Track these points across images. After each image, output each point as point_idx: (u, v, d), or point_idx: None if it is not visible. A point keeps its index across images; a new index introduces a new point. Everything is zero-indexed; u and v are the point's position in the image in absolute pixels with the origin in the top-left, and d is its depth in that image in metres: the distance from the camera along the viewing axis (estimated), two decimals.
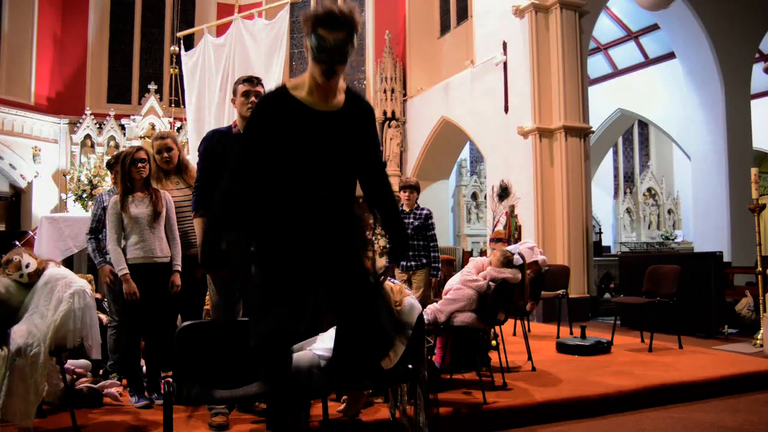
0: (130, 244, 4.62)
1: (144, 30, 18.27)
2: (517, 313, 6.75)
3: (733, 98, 13.10)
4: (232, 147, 4.14)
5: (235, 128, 4.31)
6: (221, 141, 4.24)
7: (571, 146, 10.70)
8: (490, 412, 4.61)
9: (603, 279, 12.40)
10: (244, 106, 4.27)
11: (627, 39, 17.07)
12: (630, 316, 9.09)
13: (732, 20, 12.97)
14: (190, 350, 3.29)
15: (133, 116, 16.40)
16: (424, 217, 6.48)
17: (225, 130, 4.36)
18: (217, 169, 4.11)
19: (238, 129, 4.29)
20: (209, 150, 4.25)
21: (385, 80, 16.28)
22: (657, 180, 23.11)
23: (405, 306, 3.76)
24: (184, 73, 10.73)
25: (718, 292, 8.51)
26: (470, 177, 19.31)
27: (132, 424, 4.17)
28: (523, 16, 11.11)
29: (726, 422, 4.59)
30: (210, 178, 4.17)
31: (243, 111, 4.28)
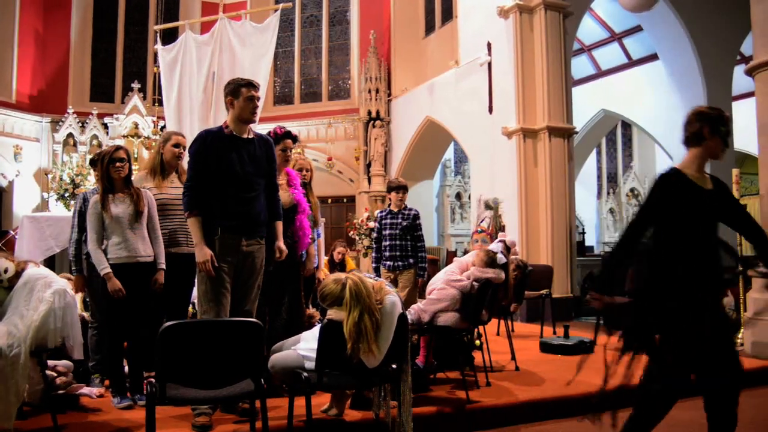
0: (112, 244, 4.56)
1: (128, 28, 18.17)
2: (501, 312, 6.77)
3: (715, 100, 13.18)
4: (225, 147, 4.15)
5: (227, 129, 4.26)
6: (214, 141, 4.20)
7: (555, 147, 10.74)
8: (473, 411, 4.62)
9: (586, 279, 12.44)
10: (247, 110, 4.24)
11: (610, 40, 17.14)
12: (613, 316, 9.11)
13: (714, 22, 13.07)
14: (174, 350, 3.26)
15: (117, 115, 16.31)
16: (412, 218, 6.48)
17: (216, 131, 4.30)
18: (210, 169, 4.15)
19: (230, 130, 4.25)
20: (202, 150, 4.21)
21: (369, 80, 16.28)
22: (640, 180, 23.24)
23: (386, 304, 3.75)
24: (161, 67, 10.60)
25: None
26: (454, 177, 19.33)
27: (114, 425, 4.13)
28: (508, 17, 11.13)
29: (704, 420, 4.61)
30: (202, 178, 4.16)
31: (245, 114, 4.25)
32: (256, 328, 3.41)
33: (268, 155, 4.40)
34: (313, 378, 3.63)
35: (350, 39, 17.93)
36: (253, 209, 4.27)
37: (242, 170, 4.20)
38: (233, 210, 4.19)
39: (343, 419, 4.25)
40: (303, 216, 5.08)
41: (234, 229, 4.19)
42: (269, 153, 4.43)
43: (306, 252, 5.24)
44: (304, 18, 18.61)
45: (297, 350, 3.92)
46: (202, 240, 4.11)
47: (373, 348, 3.63)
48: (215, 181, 4.17)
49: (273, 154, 4.48)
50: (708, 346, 3.40)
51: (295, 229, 5.00)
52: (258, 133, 4.44)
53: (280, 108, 18.15)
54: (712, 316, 3.42)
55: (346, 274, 3.83)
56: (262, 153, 4.35)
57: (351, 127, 16.91)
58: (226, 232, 4.17)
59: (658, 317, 3.50)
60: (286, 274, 4.98)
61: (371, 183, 16.11)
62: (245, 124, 4.30)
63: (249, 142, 4.30)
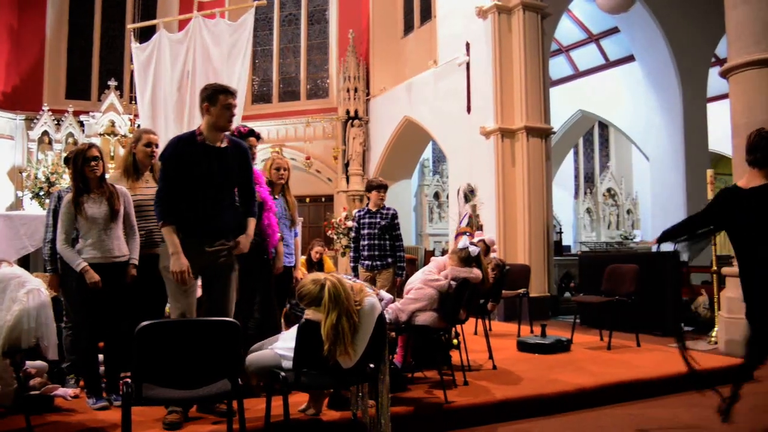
0: (86, 245, 4.47)
1: (104, 25, 18.01)
2: (479, 312, 6.79)
3: (691, 101, 13.36)
4: (196, 156, 4.04)
5: (200, 136, 4.13)
6: (185, 149, 4.09)
7: (533, 147, 10.80)
8: (451, 410, 4.63)
9: (563, 278, 12.53)
10: (223, 118, 4.10)
11: (588, 41, 17.29)
12: (589, 315, 9.20)
13: (690, 25, 13.23)
14: (150, 350, 3.24)
15: (93, 112, 16.15)
16: (390, 217, 6.48)
17: (188, 137, 4.17)
18: (181, 177, 4.06)
19: (203, 137, 4.12)
20: (173, 157, 4.10)
21: (348, 79, 16.28)
22: (616, 181, 23.45)
23: (365, 305, 3.75)
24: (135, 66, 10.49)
25: (675, 290, 8.66)
26: (433, 177, 19.37)
27: (90, 426, 4.09)
28: (486, 17, 11.17)
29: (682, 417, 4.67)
30: (173, 186, 4.06)
31: (221, 122, 4.11)
32: (233, 328, 3.39)
33: (241, 162, 4.28)
34: (290, 377, 3.62)
35: (329, 38, 17.90)
36: (222, 217, 4.18)
37: (212, 181, 4.10)
38: (201, 216, 4.10)
39: (321, 419, 4.24)
40: (270, 213, 5.03)
41: (198, 234, 4.11)
42: (243, 160, 4.31)
43: (275, 250, 5.18)
44: (283, 16, 18.55)
45: (274, 349, 3.91)
46: (179, 249, 4.00)
47: (350, 350, 3.63)
48: (185, 188, 4.08)
49: (248, 160, 4.37)
50: None
51: (263, 227, 4.94)
52: (233, 139, 4.33)
53: (258, 107, 18.08)
54: None
55: (325, 275, 3.82)
56: (236, 162, 4.23)
57: (329, 126, 16.88)
58: (190, 237, 4.08)
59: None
60: (256, 272, 4.94)
61: (349, 182, 16.11)
62: (220, 132, 4.17)
63: (222, 152, 4.17)
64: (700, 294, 9.12)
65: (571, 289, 12.33)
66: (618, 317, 7.46)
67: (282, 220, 5.35)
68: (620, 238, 22.14)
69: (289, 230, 5.47)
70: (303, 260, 9.34)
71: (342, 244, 14.03)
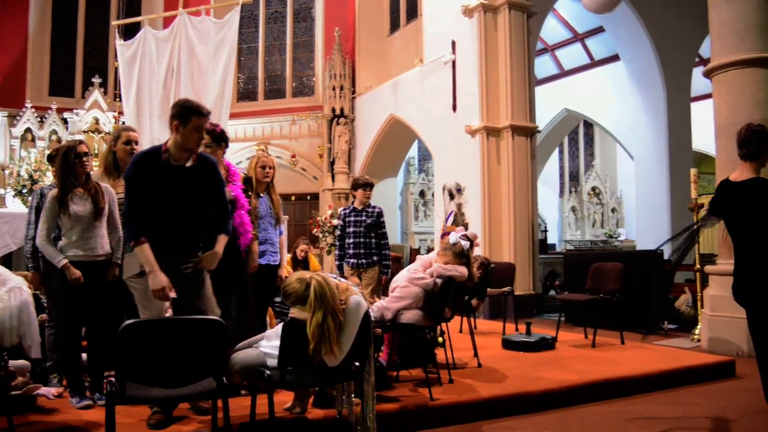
0: (70, 242, 4.42)
1: (88, 22, 17.88)
2: (464, 310, 6.80)
3: (675, 101, 13.44)
4: (160, 177, 3.88)
5: (165, 154, 3.93)
6: (149, 169, 3.91)
7: (518, 145, 10.83)
8: (436, 408, 4.63)
9: (548, 276, 12.59)
10: (192, 140, 3.91)
11: (573, 40, 17.33)
12: (574, 313, 9.25)
13: (674, 25, 13.30)
14: (134, 349, 3.21)
15: (77, 110, 16.00)
16: (376, 215, 6.49)
17: (152, 155, 3.96)
18: (146, 197, 3.90)
19: (168, 156, 3.92)
20: (136, 176, 3.92)
21: (334, 77, 16.27)
22: (601, 179, 23.56)
23: (351, 304, 3.75)
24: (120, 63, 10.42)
25: (659, 289, 8.72)
26: (418, 175, 19.39)
27: (73, 426, 4.05)
28: (472, 16, 11.19)
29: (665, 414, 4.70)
30: (138, 206, 3.90)
31: (190, 144, 3.92)
32: (218, 327, 3.37)
33: (210, 180, 4.10)
34: (275, 376, 3.61)
35: (315, 36, 17.87)
36: (189, 231, 4.06)
37: (177, 200, 3.96)
38: (168, 230, 3.97)
39: (306, 417, 4.23)
40: (242, 212, 4.96)
41: (166, 247, 3.98)
42: (212, 178, 4.12)
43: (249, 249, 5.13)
44: (269, 14, 18.50)
45: (259, 348, 3.90)
46: (155, 267, 3.86)
47: (335, 349, 3.62)
48: (151, 205, 3.93)
49: (216, 177, 4.17)
50: None
51: (235, 226, 4.88)
52: (200, 156, 4.09)
53: (244, 104, 18.01)
54: None
55: (311, 274, 3.80)
56: (203, 180, 4.05)
57: (315, 124, 16.85)
58: (157, 249, 3.91)
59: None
60: (230, 271, 4.88)
61: (335, 180, 16.09)
62: (187, 153, 3.96)
63: (187, 171, 3.97)
64: (684, 292, 9.18)
65: (556, 287, 12.40)
66: (602, 315, 7.50)
67: (267, 219, 5.33)
68: (605, 236, 22.26)
69: (274, 228, 5.45)
70: (288, 258, 9.32)
71: (327, 242, 14.02)
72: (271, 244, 5.38)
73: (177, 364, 3.32)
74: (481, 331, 8.22)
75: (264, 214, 5.30)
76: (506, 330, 8.09)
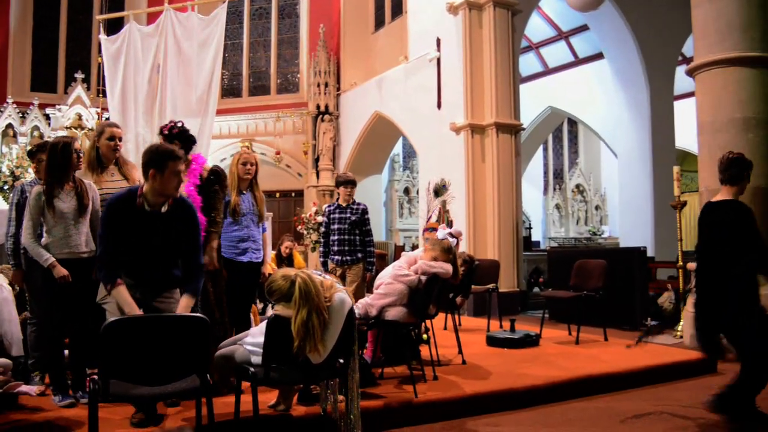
0: (54, 240, 4.37)
1: (71, 16, 17.72)
2: (448, 307, 6.81)
3: (658, 99, 13.52)
4: (135, 223, 3.80)
5: (140, 198, 3.82)
6: (124, 214, 3.81)
7: (503, 143, 10.86)
8: (420, 405, 4.64)
9: (532, 273, 12.63)
10: (171, 186, 3.81)
11: (558, 38, 17.39)
12: (558, 310, 9.28)
13: (658, 24, 13.38)
14: (117, 346, 3.19)
15: (59, 105, 15.87)
16: (360, 212, 6.48)
17: (127, 199, 3.85)
18: (120, 241, 3.82)
19: (142, 201, 3.81)
20: (111, 220, 3.82)
21: (318, 74, 16.22)
22: (585, 177, 23.67)
23: (335, 301, 3.75)
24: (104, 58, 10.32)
25: (642, 285, 8.78)
26: (403, 172, 19.40)
27: (55, 424, 4.03)
28: (457, 14, 11.21)
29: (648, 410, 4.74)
30: (113, 250, 3.80)
31: (169, 190, 3.82)
32: (202, 324, 3.36)
33: (187, 226, 3.99)
34: (259, 373, 3.60)
35: (299, 32, 17.82)
36: (162, 276, 3.97)
37: (150, 247, 3.86)
38: (139, 275, 3.89)
39: (291, 414, 4.23)
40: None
41: (139, 285, 3.89)
42: (189, 223, 4.01)
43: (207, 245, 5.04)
44: (253, 10, 18.43)
45: (243, 345, 3.89)
46: (134, 308, 3.74)
47: (320, 346, 3.62)
48: (125, 250, 3.83)
49: (193, 222, 4.05)
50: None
51: None
52: (178, 200, 3.96)
53: (228, 101, 17.93)
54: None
55: (295, 271, 3.80)
56: (180, 226, 3.94)
57: (299, 121, 16.82)
58: (131, 287, 3.83)
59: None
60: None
61: (319, 177, 16.06)
62: (164, 198, 3.87)
63: (163, 217, 3.87)
64: (667, 289, 9.25)
65: (540, 284, 12.43)
66: (586, 312, 7.54)
67: (249, 216, 5.30)
68: (589, 233, 22.38)
69: (257, 226, 5.41)
70: (273, 256, 9.30)
71: (312, 239, 13.98)
72: (254, 242, 5.35)
73: (160, 362, 3.30)
74: (465, 328, 8.24)
75: (246, 211, 5.27)
76: (491, 327, 8.12)
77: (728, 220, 4.38)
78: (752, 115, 7.11)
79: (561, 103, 18.63)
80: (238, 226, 5.25)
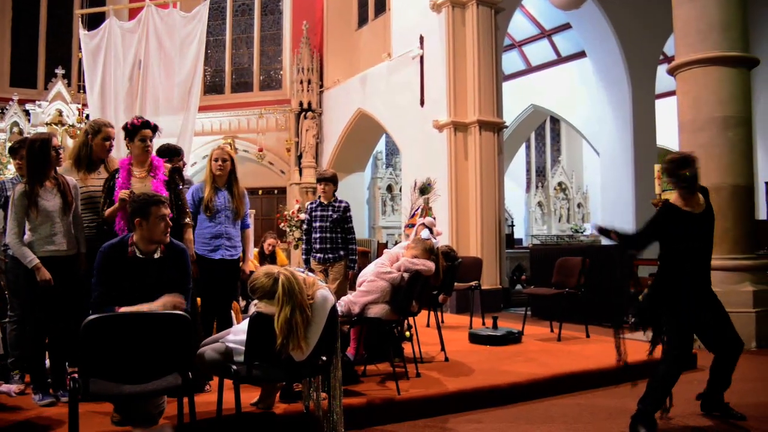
0: (39, 238, 4.32)
1: (51, 11, 17.54)
2: (431, 304, 6.82)
3: (640, 98, 13.61)
4: (126, 272, 3.80)
5: (131, 247, 3.84)
6: (116, 263, 3.81)
7: (485, 140, 10.89)
8: (403, 402, 4.64)
9: (515, 271, 12.68)
10: (158, 231, 3.83)
11: (540, 37, 17.45)
12: (540, 307, 9.33)
13: (640, 23, 13.46)
14: (97, 344, 3.17)
15: (39, 101, 15.72)
16: (342, 210, 6.46)
17: (118, 247, 3.88)
18: (113, 286, 3.80)
19: (134, 250, 3.83)
20: (105, 268, 3.81)
21: (301, 71, 16.19)
22: (567, 175, 23.81)
23: (318, 298, 3.74)
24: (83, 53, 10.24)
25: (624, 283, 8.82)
26: (386, 169, 19.41)
27: (35, 423, 3.99)
28: (440, 11, 11.22)
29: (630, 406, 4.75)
30: (106, 296, 3.77)
31: (157, 236, 3.84)
32: (183, 322, 3.34)
33: (179, 270, 3.99)
34: (242, 371, 3.59)
35: (282, 29, 17.76)
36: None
37: (143, 293, 3.75)
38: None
39: (273, 412, 4.22)
40: None
41: None
42: (182, 267, 4.01)
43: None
44: (236, 6, 18.35)
45: (226, 342, 3.87)
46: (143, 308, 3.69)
47: (302, 344, 3.61)
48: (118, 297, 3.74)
49: (185, 265, 4.06)
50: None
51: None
52: (171, 244, 3.99)
53: (211, 97, 17.83)
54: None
55: (278, 268, 3.79)
56: (171, 273, 3.93)
57: (282, 118, 16.78)
58: None
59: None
60: None
61: (302, 174, 16.03)
62: (155, 244, 3.90)
63: (156, 263, 3.90)
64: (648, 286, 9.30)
65: (523, 281, 12.49)
66: (568, 309, 7.58)
67: (224, 213, 5.23)
68: (571, 231, 22.49)
69: (233, 223, 5.32)
70: (255, 253, 9.27)
71: (295, 236, 13.95)
72: (228, 239, 5.26)
73: (141, 360, 3.28)
74: (448, 325, 8.26)
75: (220, 207, 5.21)
76: (473, 324, 8.14)
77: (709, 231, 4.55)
78: (732, 114, 7.19)
79: (543, 101, 18.70)
80: (212, 222, 5.19)
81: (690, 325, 4.40)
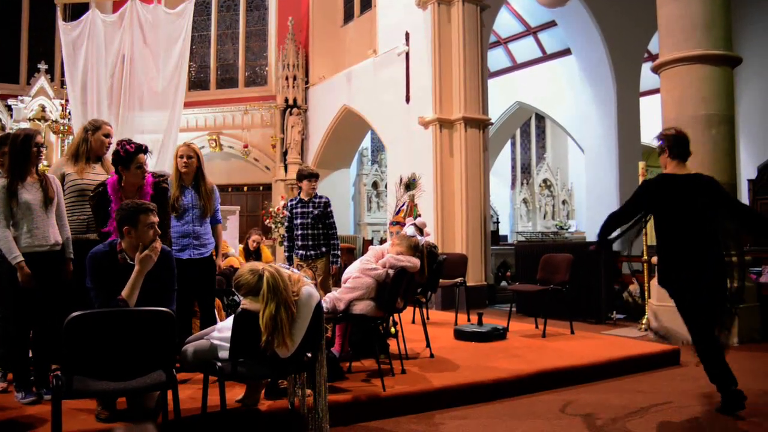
0: (21, 232, 4.30)
1: (33, 5, 17.37)
2: (416, 301, 6.83)
3: (624, 95, 13.68)
4: (116, 278, 3.77)
5: (121, 254, 3.83)
6: (105, 270, 3.80)
7: (471, 137, 10.91)
8: (389, 398, 4.64)
9: (500, 267, 12.72)
10: (147, 237, 3.81)
11: (526, 34, 17.51)
12: (525, 303, 9.37)
13: (624, 21, 13.53)
14: (81, 341, 3.15)
15: (21, 97, 15.59)
16: (323, 206, 6.44)
17: (107, 255, 3.87)
18: (107, 294, 3.78)
19: (124, 256, 3.82)
20: (98, 273, 3.80)
21: (287, 67, 16.16)
22: (552, 172, 23.90)
23: (303, 295, 3.73)
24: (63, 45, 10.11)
25: (608, 279, 8.89)
26: (371, 166, 19.40)
27: (18, 421, 3.96)
28: (426, 8, 11.22)
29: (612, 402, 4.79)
30: (107, 299, 3.75)
31: (146, 241, 3.81)
32: (167, 319, 3.32)
33: (167, 274, 4.00)
34: (227, 368, 3.58)
35: (268, 25, 17.70)
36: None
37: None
38: None
39: (258, 409, 4.21)
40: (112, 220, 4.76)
41: None
42: (169, 271, 4.02)
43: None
44: (221, 2, 18.26)
45: (211, 339, 3.86)
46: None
47: (287, 341, 3.60)
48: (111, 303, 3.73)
49: (173, 270, 4.06)
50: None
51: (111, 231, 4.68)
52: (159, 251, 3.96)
53: (196, 93, 17.74)
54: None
55: (263, 265, 3.77)
56: (160, 275, 3.93)
57: (267, 114, 16.73)
58: None
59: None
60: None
61: (287, 171, 16.00)
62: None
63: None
64: (632, 283, 9.37)
65: (508, 278, 12.53)
66: (552, 306, 7.61)
67: (191, 211, 5.18)
68: (555, 228, 22.60)
69: (200, 221, 5.27)
70: (240, 249, 9.25)
71: (280, 233, 13.93)
72: (195, 238, 5.18)
73: (125, 357, 3.26)
74: (433, 321, 8.27)
75: (187, 206, 5.16)
76: (458, 320, 8.15)
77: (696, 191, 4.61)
78: (715, 112, 7.24)
79: (529, 99, 18.77)
80: (179, 221, 5.14)
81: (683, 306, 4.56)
